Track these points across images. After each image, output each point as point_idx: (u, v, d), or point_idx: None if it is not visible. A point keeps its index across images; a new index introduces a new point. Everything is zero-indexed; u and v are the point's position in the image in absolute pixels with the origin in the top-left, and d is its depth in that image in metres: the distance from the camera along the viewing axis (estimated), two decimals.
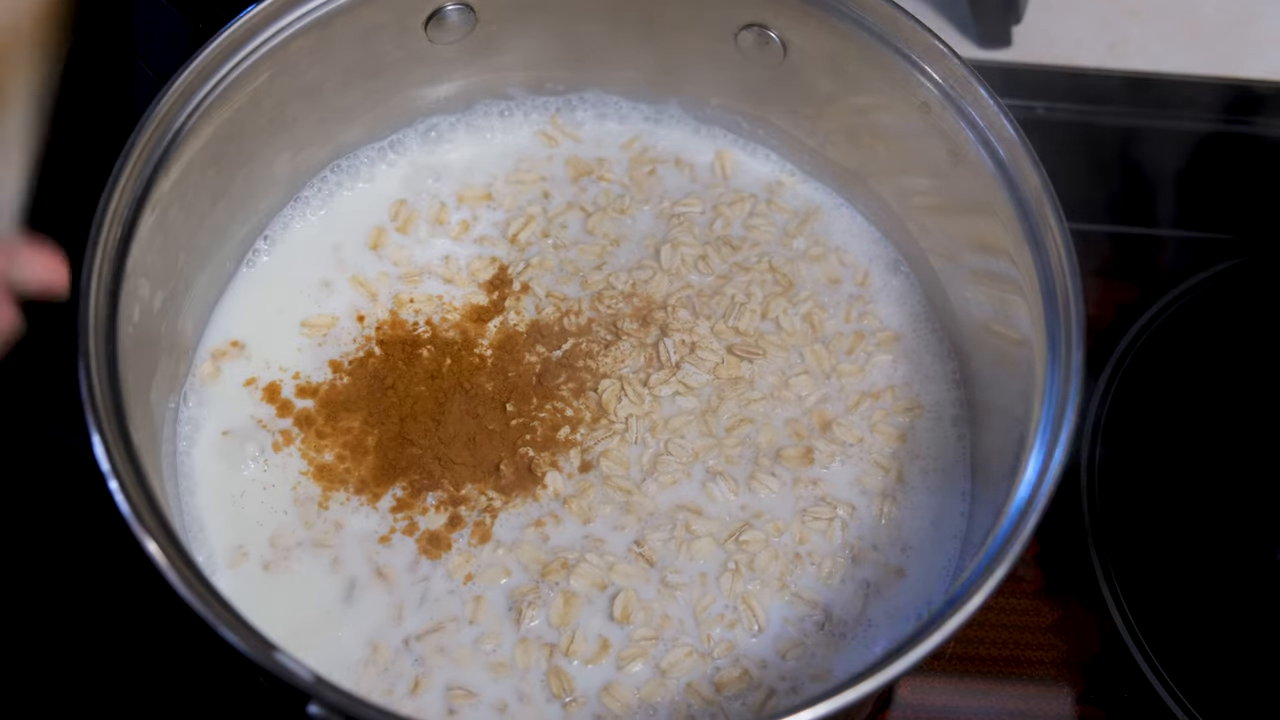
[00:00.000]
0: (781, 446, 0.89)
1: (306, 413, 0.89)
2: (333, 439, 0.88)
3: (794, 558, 0.85)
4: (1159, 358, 1.05)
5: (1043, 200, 0.81)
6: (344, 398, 0.89)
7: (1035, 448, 0.76)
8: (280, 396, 0.89)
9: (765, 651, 0.83)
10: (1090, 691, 0.96)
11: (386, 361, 0.90)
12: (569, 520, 0.86)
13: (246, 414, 0.88)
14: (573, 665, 0.82)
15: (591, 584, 0.84)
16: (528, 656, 0.82)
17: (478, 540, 0.85)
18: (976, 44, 1.18)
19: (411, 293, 0.93)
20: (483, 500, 0.86)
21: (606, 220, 0.96)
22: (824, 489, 0.87)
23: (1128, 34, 1.21)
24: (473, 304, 0.93)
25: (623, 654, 0.82)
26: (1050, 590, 0.99)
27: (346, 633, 0.82)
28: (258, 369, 0.90)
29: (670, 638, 0.83)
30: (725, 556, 0.85)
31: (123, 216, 0.78)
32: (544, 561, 0.84)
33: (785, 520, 0.86)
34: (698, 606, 0.83)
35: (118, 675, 0.92)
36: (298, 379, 0.90)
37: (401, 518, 0.85)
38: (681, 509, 0.86)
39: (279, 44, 0.85)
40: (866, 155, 0.94)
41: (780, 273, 0.94)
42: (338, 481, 0.86)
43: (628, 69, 0.98)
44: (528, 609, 0.82)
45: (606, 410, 0.89)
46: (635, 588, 0.84)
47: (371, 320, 0.92)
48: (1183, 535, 0.98)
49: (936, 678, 0.96)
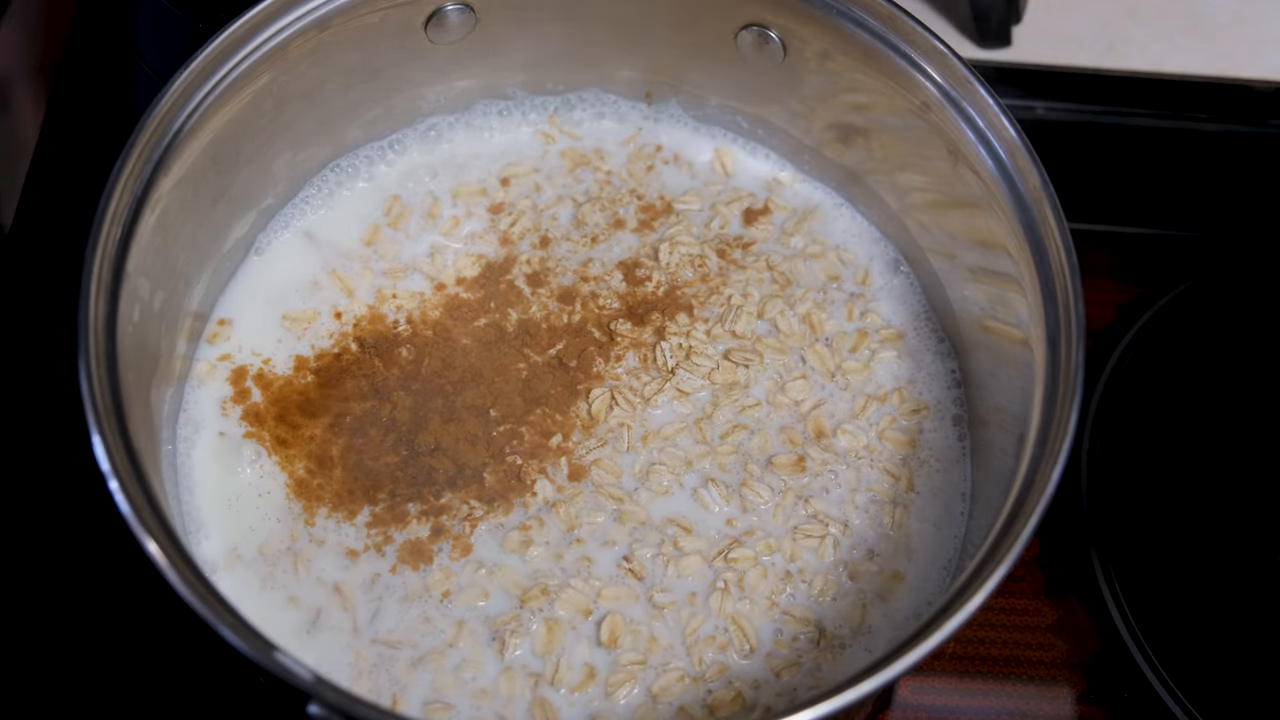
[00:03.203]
0: (774, 454, 0.88)
1: (256, 408, 0.87)
2: (298, 448, 0.86)
3: (784, 575, 0.84)
4: (1159, 358, 1.05)
5: (1043, 200, 0.81)
6: (302, 399, 0.88)
7: (1035, 447, 0.75)
8: (243, 383, 0.89)
9: (759, 672, 0.82)
10: (1090, 691, 0.96)
11: (361, 359, 0.89)
12: (556, 527, 0.85)
13: (229, 410, 0.88)
14: (559, 695, 0.80)
15: (576, 610, 0.82)
16: (511, 686, 0.80)
17: (459, 553, 0.84)
18: (976, 44, 1.18)
19: (394, 288, 0.93)
20: (464, 509, 0.85)
21: (600, 214, 0.96)
22: (815, 506, 0.86)
23: (1128, 34, 1.21)
24: (458, 300, 0.92)
25: (610, 680, 0.80)
26: (1050, 590, 0.99)
27: (313, 654, 0.81)
28: (247, 361, 0.90)
29: (660, 662, 0.81)
30: (714, 575, 0.84)
31: (123, 216, 0.78)
32: (524, 588, 0.83)
33: (776, 538, 0.85)
34: (687, 628, 0.82)
35: (118, 675, 0.92)
36: (268, 364, 0.89)
37: (376, 533, 0.84)
38: (671, 523, 0.85)
39: (279, 44, 0.85)
40: (866, 155, 0.94)
41: (778, 271, 0.94)
42: (314, 497, 0.85)
43: (627, 69, 0.98)
44: (510, 638, 0.81)
45: (598, 418, 0.88)
46: (622, 610, 0.83)
47: (350, 316, 0.91)
48: (1183, 535, 0.98)
49: (936, 678, 0.96)
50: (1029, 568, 0.99)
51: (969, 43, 1.18)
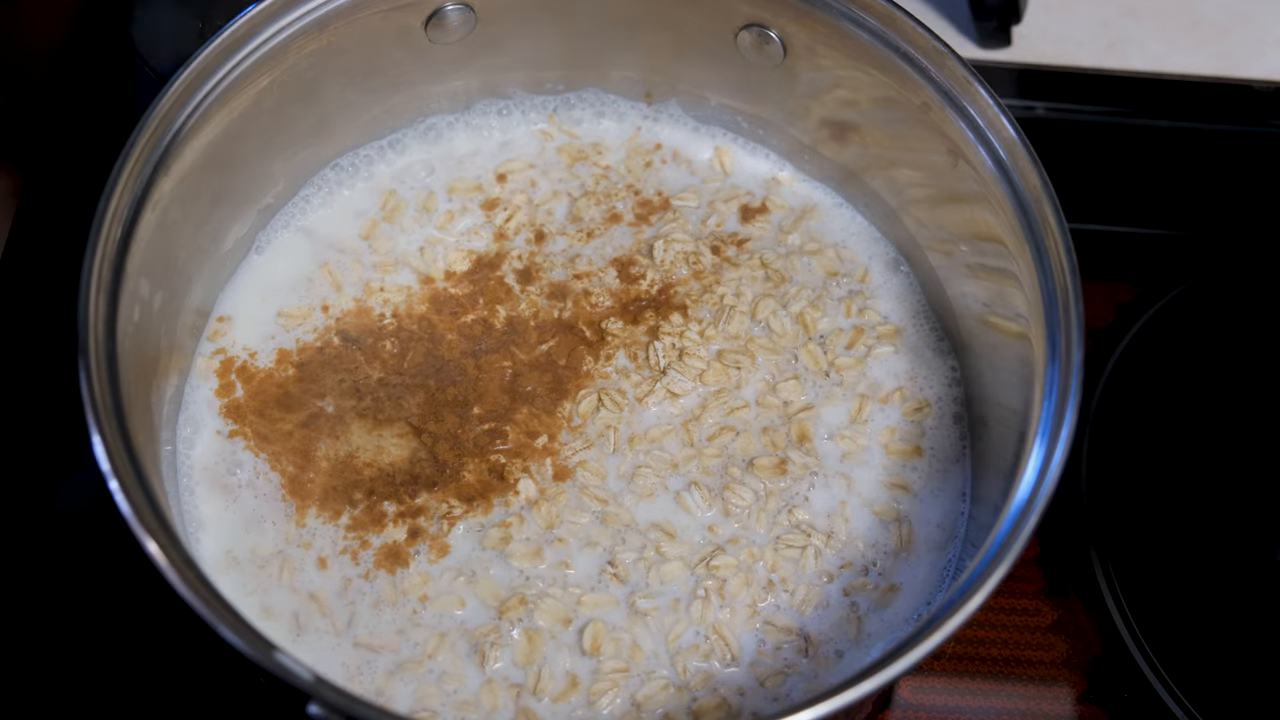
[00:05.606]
0: (756, 456, 0.88)
1: (238, 402, 0.87)
2: (278, 444, 0.86)
3: (766, 585, 0.84)
4: (1159, 358, 1.05)
5: (1042, 200, 0.81)
6: (280, 392, 0.88)
7: (1035, 447, 0.75)
8: (228, 376, 0.89)
9: (743, 679, 0.81)
10: (1090, 691, 0.96)
11: (343, 353, 0.89)
12: (536, 524, 0.84)
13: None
14: (542, 705, 0.80)
15: (556, 619, 0.82)
16: (494, 698, 0.80)
17: (436, 555, 0.83)
18: (976, 44, 1.18)
19: (383, 281, 0.92)
20: (442, 508, 0.85)
21: (596, 208, 0.96)
22: (798, 515, 0.86)
23: (1128, 34, 1.21)
24: (446, 295, 0.92)
25: (593, 689, 0.80)
26: (1050, 590, 0.99)
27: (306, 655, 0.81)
28: (235, 354, 0.90)
29: (644, 670, 0.81)
30: (695, 582, 0.84)
31: (123, 216, 0.78)
32: (501, 598, 0.82)
33: (759, 545, 0.85)
34: (669, 635, 0.82)
35: (118, 675, 0.92)
36: (254, 357, 0.89)
37: (353, 537, 0.84)
38: (655, 527, 0.85)
39: (279, 44, 0.85)
40: (866, 154, 0.94)
41: (772, 269, 0.94)
42: (305, 496, 0.85)
43: (626, 68, 0.98)
44: (490, 649, 0.81)
45: (585, 419, 0.88)
46: (604, 617, 0.82)
47: (337, 309, 0.91)
48: (1183, 535, 0.98)
49: (936, 678, 0.96)
50: (1029, 568, 0.99)
51: (969, 43, 1.18)
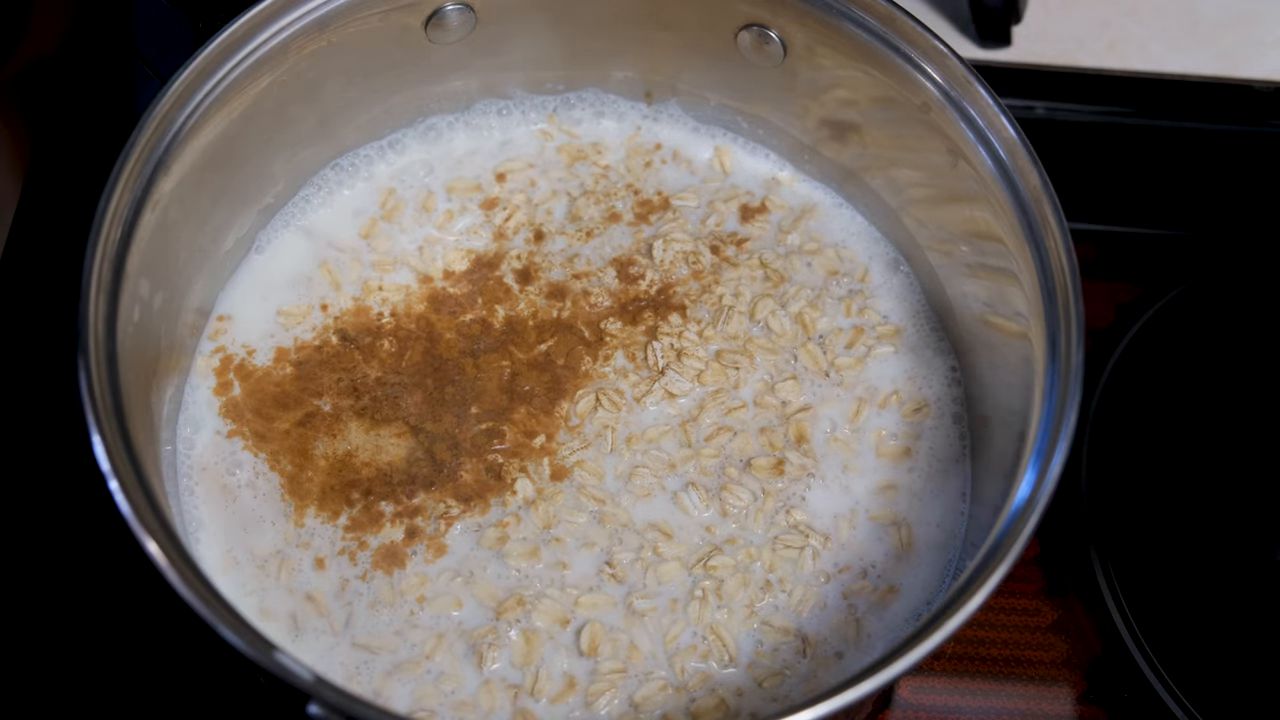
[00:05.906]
0: (753, 456, 0.88)
1: (235, 401, 0.87)
2: (276, 443, 0.86)
3: (764, 585, 0.84)
4: (1158, 358, 1.05)
5: (1042, 200, 0.81)
6: (278, 390, 0.88)
7: (1035, 447, 0.75)
8: (226, 375, 0.89)
9: (741, 680, 0.81)
10: (1090, 691, 0.96)
11: (341, 352, 0.89)
12: (533, 524, 0.84)
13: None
14: (540, 705, 0.80)
15: (554, 620, 0.82)
16: (491, 699, 0.80)
17: (434, 555, 0.83)
18: (976, 44, 1.18)
19: (381, 280, 0.92)
20: (439, 508, 0.84)
21: (596, 207, 0.96)
22: (795, 516, 0.86)
23: (1128, 34, 1.21)
24: (444, 294, 0.92)
25: (591, 690, 0.80)
26: (1050, 590, 0.99)
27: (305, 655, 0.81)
28: (234, 352, 0.90)
29: (642, 671, 0.81)
30: (693, 583, 0.84)
31: (123, 216, 0.78)
32: (499, 599, 0.82)
33: (756, 546, 0.85)
34: (667, 636, 0.82)
35: (118, 675, 0.92)
36: (252, 355, 0.89)
37: (351, 538, 0.84)
38: (652, 527, 0.85)
39: (279, 44, 0.85)
40: (865, 154, 0.94)
41: (771, 268, 0.94)
42: (304, 495, 0.85)
43: (627, 68, 0.98)
44: (488, 650, 0.81)
45: (583, 419, 0.88)
46: (601, 617, 0.82)
47: (335, 308, 0.91)
48: (1183, 535, 0.98)
49: (936, 678, 0.96)
50: (1029, 568, 0.99)
51: (969, 43, 1.18)
